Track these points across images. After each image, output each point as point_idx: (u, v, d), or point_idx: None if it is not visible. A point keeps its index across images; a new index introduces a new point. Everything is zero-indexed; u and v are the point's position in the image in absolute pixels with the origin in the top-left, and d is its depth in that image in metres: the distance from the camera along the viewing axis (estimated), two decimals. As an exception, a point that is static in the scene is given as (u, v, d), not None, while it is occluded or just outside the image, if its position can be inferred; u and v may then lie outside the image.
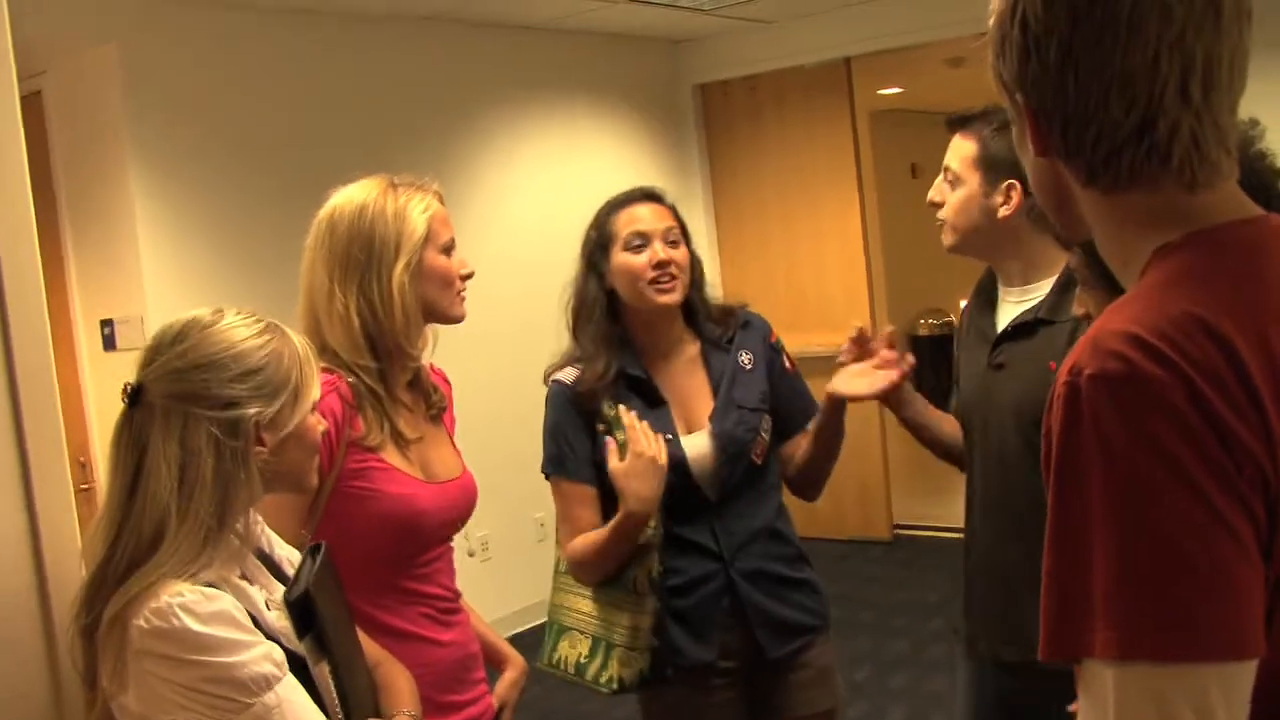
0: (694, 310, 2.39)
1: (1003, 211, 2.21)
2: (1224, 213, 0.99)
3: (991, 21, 1.04)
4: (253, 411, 1.47)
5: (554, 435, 2.31)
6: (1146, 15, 0.94)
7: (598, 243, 2.33)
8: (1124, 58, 0.95)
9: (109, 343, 4.43)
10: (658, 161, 6.52)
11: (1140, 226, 1.01)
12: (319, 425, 1.59)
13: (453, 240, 1.98)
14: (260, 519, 1.62)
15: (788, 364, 2.45)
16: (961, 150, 2.21)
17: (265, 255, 4.51)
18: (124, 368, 1.52)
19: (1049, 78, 0.99)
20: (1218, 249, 0.97)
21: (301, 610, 1.50)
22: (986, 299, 2.33)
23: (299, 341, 1.57)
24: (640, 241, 2.28)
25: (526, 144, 5.82)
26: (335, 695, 1.52)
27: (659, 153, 6.58)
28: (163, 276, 4.39)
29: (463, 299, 2.00)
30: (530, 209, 5.69)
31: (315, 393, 1.57)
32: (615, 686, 2.26)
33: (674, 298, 2.29)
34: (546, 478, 2.34)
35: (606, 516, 2.24)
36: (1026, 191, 2.21)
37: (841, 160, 6.39)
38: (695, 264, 2.39)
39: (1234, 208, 1.00)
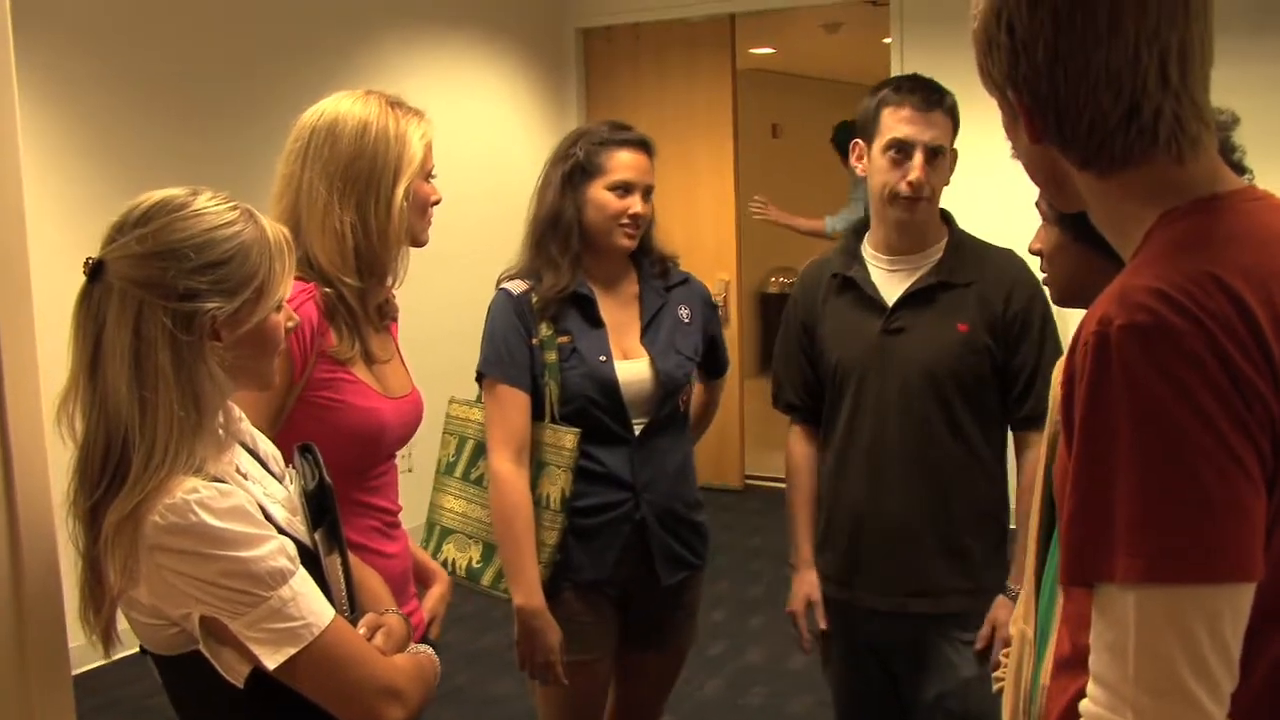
0: (641, 252, 2.52)
1: (949, 176, 2.33)
2: (1214, 182, 1.11)
3: (976, 24, 1.12)
4: (210, 306, 1.38)
5: (494, 340, 2.40)
6: (1123, 14, 1.04)
7: (581, 167, 2.40)
8: (1107, 55, 1.05)
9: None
10: (537, 100, 6.49)
11: (1140, 200, 1.11)
12: (287, 322, 1.51)
13: (433, 167, 1.98)
14: (243, 414, 1.58)
15: (721, 316, 2.60)
16: (944, 124, 2.27)
17: (154, 180, 4.33)
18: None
19: (1039, 77, 1.08)
20: (1222, 215, 1.08)
21: (317, 502, 1.50)
22: (862, 269, 2.38)
23: (273, 233, 1.47)
24: (625, 189, 2.40)
25: (416, 73, 5.71)
26: (344, 587, 1.52)
27: (539, 92, 6.54)
28: (42, 201, 4.17)
29: (429, 224, 2.00)
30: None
31: (283, 290, 1.48)
32: None
33: (633, 244, 2.45)
34: (480, 379, 2.43)
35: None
36: None
37: (719, 116, 6.47)
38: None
39: (1222, 177, 1.12)
